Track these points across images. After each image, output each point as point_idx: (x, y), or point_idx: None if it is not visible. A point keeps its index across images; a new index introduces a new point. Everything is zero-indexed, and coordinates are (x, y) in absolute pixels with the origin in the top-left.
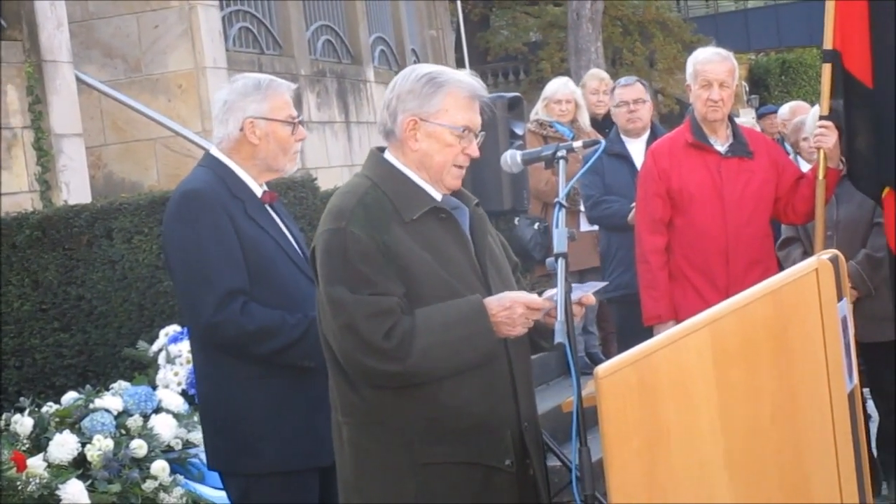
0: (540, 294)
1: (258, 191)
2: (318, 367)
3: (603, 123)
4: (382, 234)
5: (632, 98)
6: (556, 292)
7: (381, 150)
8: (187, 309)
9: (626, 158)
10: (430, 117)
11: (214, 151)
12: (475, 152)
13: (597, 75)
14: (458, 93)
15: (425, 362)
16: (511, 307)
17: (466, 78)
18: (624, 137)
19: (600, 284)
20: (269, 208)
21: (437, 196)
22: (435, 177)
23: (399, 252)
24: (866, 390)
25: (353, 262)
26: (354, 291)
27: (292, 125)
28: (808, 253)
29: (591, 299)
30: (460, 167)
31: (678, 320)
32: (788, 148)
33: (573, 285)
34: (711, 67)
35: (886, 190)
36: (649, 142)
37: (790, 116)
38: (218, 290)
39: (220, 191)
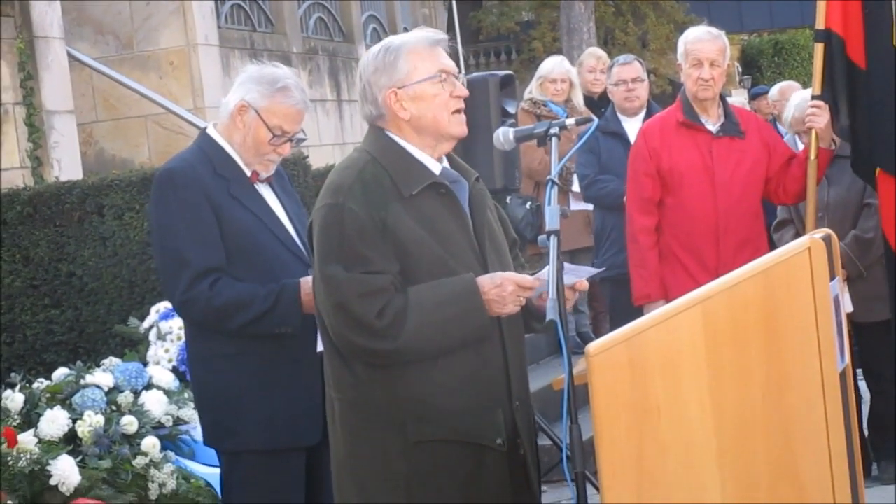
0: (532, 274)
1: (248, 170)
2: (295, 331)
3: (599, 102)
4: (380, 211)
5: (630, 77)
6: (546, 271)
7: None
8: (164, 287)
9: (622, 137)
10: (405, 81)
11: (210, 129)
12: (464, 91)
13: (594, 54)
14: (417, 48)
15: (417, 341)
16: (502, 285)
17: (418, 32)
18: (620, 116)
19: (595, 271)
20: (263, 186)
21: (436, 169)
22: (440, 132)
23: (396, 229)
24: (858, 370)
25: (350, 239)
26: (349, 269)
27: (275, 136)
28: (800, 235)
29: (585, 285)
30: (458, 112)
31: (668, 300)
32: (781, 129)
33: (567, 265)
34: (702, 46)
35: (878, 171)
36: (645, 120)
37: (779, 97)
38: (190, 269)
39: (201, 169)
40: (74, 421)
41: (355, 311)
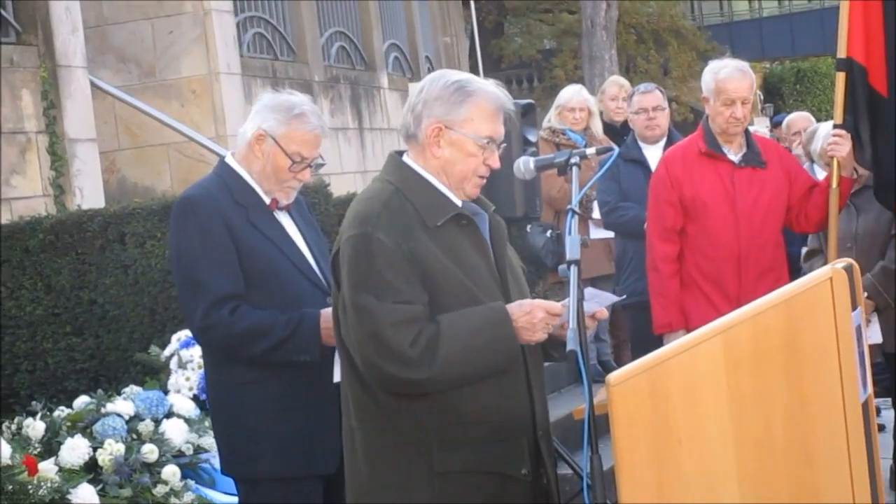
0: (557, 301)
1: (266, 198)
2: (313, 361)
3: (621, 130)
4: (408, 241)
5: (651, 105)
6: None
7: (400, 153)
8: (184, 314)
9: (643, 164)
10: (456, 125)
11: (228, 157)
12: (496, 163)
13: (617, 82)
14: (485, 104)
15: (449, 369)
16: (531, 312)
17: (494, 89)
18: (641, 144)
19: (616, 298)
20: (281, 214)
21: (458, 202)
22: (455, 184)
23: (423, 259)
24: (887, 400)
25: (380, 268)
26: (380, 299)
27: (294, 162)
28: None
29: (605, 313)
30: (482, 177)
31: (688, 329)
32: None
33: (589, 291)
34: (735, 85)
35: None
36: (666, 148)
37: (787, 132)
38: (209, 295)
39: (220, 197)
40: (95, 449)
41: (389, 340)
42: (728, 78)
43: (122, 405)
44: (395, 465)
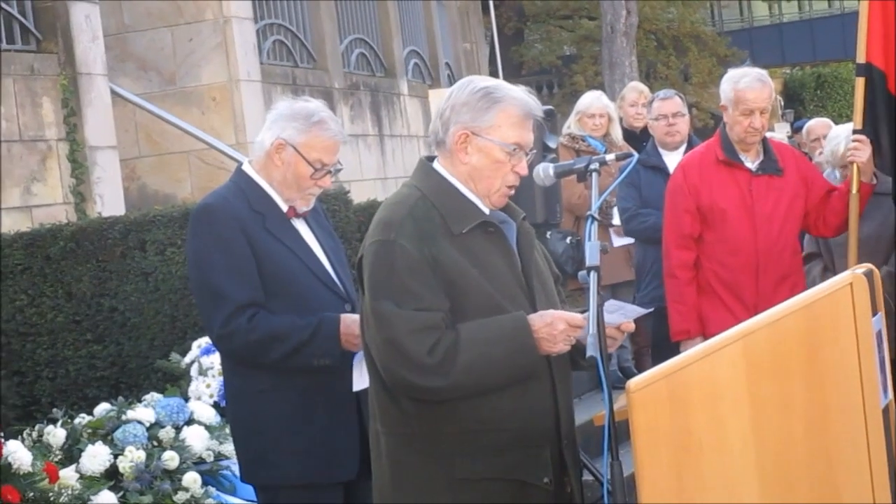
0: (581, 312)
1: (283, 205)
2: (333, 364)
3: (641, 136)
4: (431, 248)
5: (671, 111)
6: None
7: (430, 159)
8: (203, 322)
9: (662, 171)
10: (482, 132)
11: (245, 165)
12: (524, 170)
13: (636, 88)
14: (513, 110)
15: (467, 378)
16: (552, 323)
17: (522, 95)
18: (661, 150)
19: (641, 310)
20: (298, 221)
21: (486, 209)
22: (483, 192)
23: (446, 266)
24: None
25: (401, 275)
26: (400, 305)
27: (315, 170)
28: (828, 268)
29: (631, 326)
30: (510, 187)
31: (706, 336)
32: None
33: (615, 303)
34: (754, 95)
35: None
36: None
37: (807, 138)
38: (228, 303)
39: (237, 204)
40: (116, 456)
41: (406, 347)
42: (747, 88)
43: (143, 412)
44: (417, 470)
